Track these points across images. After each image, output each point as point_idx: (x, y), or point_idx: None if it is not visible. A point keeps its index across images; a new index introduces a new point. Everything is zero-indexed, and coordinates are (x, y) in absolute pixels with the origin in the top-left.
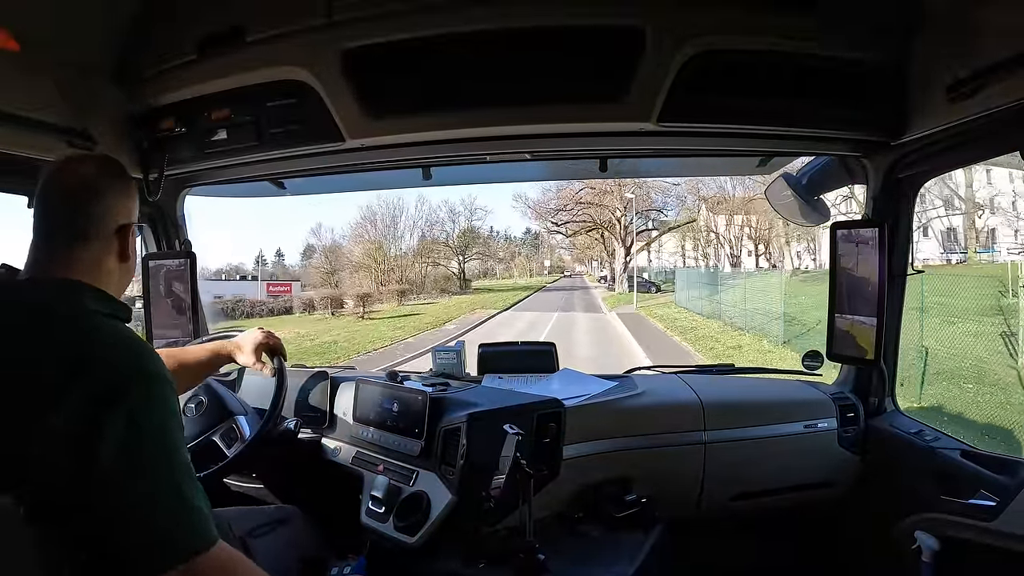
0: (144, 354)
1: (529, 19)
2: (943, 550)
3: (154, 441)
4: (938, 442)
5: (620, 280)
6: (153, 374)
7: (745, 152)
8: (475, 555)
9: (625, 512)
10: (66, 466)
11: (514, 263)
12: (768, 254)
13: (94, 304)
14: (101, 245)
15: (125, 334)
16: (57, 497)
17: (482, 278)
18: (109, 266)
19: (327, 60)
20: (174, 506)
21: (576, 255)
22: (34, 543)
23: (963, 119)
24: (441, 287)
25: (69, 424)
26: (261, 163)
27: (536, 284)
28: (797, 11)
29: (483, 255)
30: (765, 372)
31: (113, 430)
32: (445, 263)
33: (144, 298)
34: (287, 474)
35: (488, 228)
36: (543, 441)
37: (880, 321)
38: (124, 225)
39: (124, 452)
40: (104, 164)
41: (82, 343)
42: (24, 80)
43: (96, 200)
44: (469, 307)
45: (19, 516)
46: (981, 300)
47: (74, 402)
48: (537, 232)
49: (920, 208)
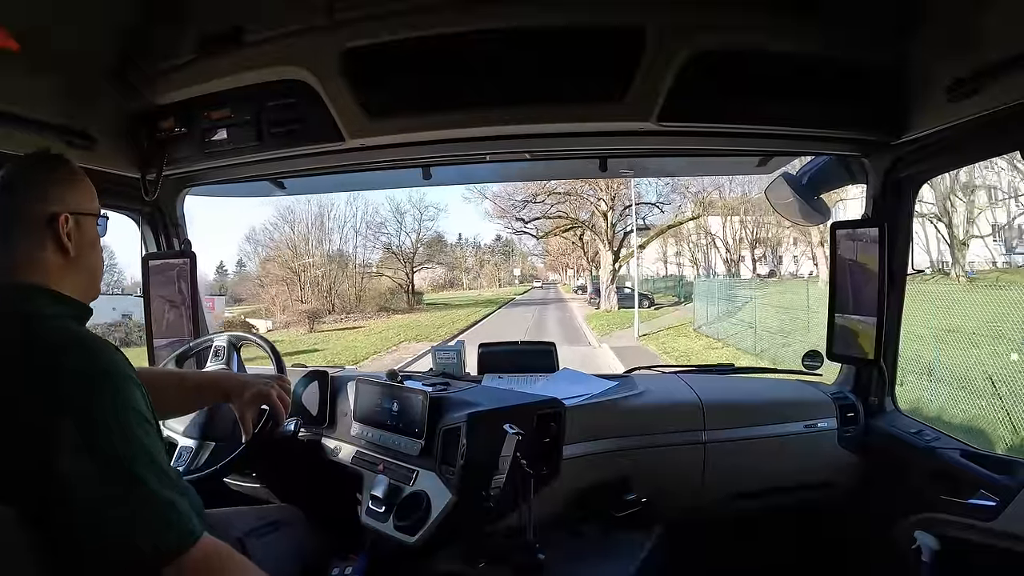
0: (97, 353)
1: (529, 18)
2: (943, 550)
3: (115, 439)
4: (938, 442)
5: (607, 293)
6: (107, 372)
7: (745, 152)
8: (475, 555)
9: (625, 512)
10: (35, 473)
11: (482, 272)
12: (778, 258)
13: (46, 308)
14: (34, 239)
15: (76, 335)
16: (41, 503)
17: (446, 289)
18: (48, 261)
19: (327, 60)
20: (152, 502)
21: (549, 262)
22: (27, 549)
23: (963, 119)
24: (381, 304)
25: (30, 432)
26: (261, 163)
27: (503, 297)
28: (797, 11)
29: (448, 264)
30: (765, 372)
31: (78, 431)
32: (392, 273)
33: (144, 298)
34: (287, 474)
35: (457, 235)
36: (543, 441)
37: (880, 321)
38: (55, 214)
39: (93, 452)
40: (36, 157)
41: (44, 347)
42: (24, 80)
43: (19, 192)
44: (406, 334)
45: (11, 520)
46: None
47: (41, 409)
48: (508, 239)
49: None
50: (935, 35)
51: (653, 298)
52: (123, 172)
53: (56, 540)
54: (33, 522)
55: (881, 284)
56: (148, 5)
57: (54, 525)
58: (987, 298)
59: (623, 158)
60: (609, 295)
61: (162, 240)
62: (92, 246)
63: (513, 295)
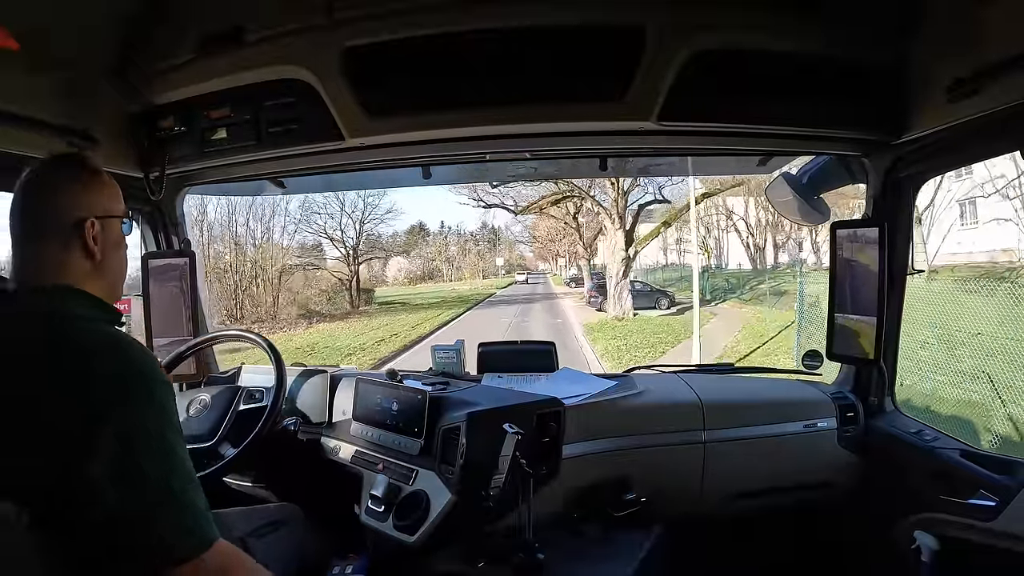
0: (137, 357)
1: (529, 18)
2: (943, 550)
3: (153, 444)
4: (938, 442)
5: (617, 290)
6: (148, 376)
7: (745, 151)
8: (475, 554)
9: (625, 512)
10: (67, 474)
11: (463, 262)
12: (797, 245)
13: (79, 309)
14: (60, 243)
15: (115, 338)
16: (59, 505)
17: (423, 282)
18: (76, 265)
19: (327, 59)
20: (176, 507)
21: (538, 249)
22: (36, 550)
23: (963, 119)
24: (307, 307)
25: (68, 433)
26: (261, 162)
27: (480, 292)
28: (797, 10)
29: (425, 256)
30: (765, 371)
31: (111, 435)
32: (336, 268)
33: (144, 298)
34: (287, 474)
35: (440, 223)
36: (543, 440)
37: (880, 321)
38: (82, 219)
39: (124, 457)
40: (61, 160)
41: (76, 349)
42: (24, 79)
43: (46, 196)
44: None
45: (22, 523)
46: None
47: (71, 411)
48: (495, 226)
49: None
50: (935, 35)
51: (672, 295)
52: (125, 172)
53: (71, 541)
54: (41, 523)
55: (881, 284)
56: (148, 4)
57: (73, 526)
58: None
59: (623, 157)
60: (620, 293)
61: (161, 239)
62: (117, 248)
63: (495, 289)
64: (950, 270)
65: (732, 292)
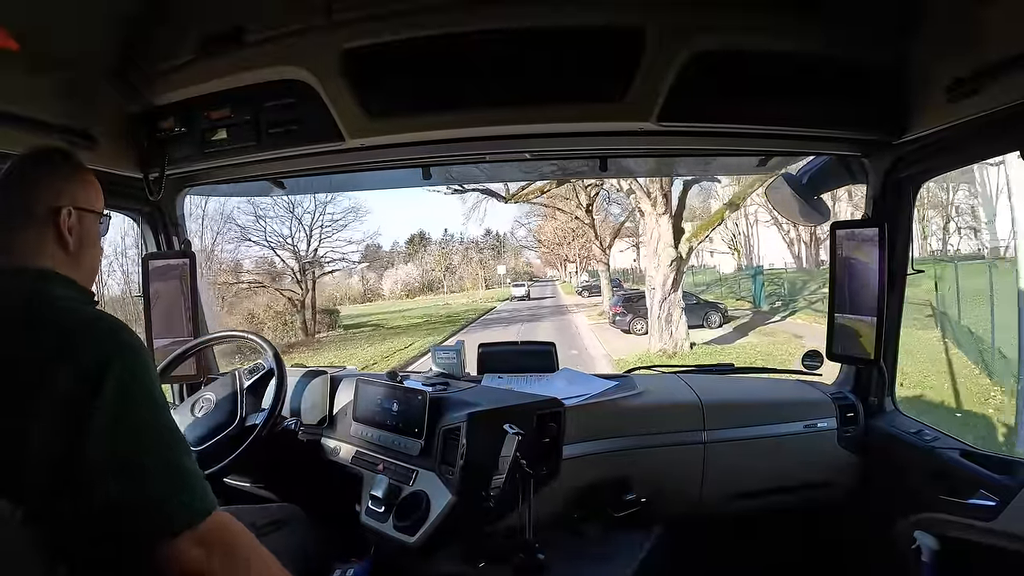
0: (121, 328)
1: (530, 19)
2: (943, 550)
3: (146, 410)
4: (938, 442)
5: (665, 307)
6: (134, 346)
7: (745, 152)
8: (475, 555)
9: (625, 512)
10: (63, 452)
11: (463, 271)
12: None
13: (59, 290)
14: (35, 229)
15: (92, 314)
16: (58, 487)
17: (422, 294)
18: (50, 253)
19: (327, 60)
20: (176, 472)
21: (544, 255)
22: (31, 545)
23: (963, 119)
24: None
25: (59, 408)
26: (261, 163)
27: (476, 307)
28: (797, 10)
29: (423, 266)
30: (765, 372)
31: (105, 404)
32: (290, 287)
33: (144, 298)
34: (287, 474)
35: (443, 230)
36: (543, 441)
37: (880, 321)
38: (58, 207)
39: (119, 425)
40: (45, 150)
41: (58, 328)
42: (24, 80)
43: (27, 182)
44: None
45: (16, 519)
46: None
47: (61, 385)
48: (499, 233)
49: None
50: (935, 35)
51: (726, 309)
52: (125, 172)
53: (82, 520)
54: (35, 518)
55: (881, 284)
56: (148, 5)
57: (82, 502)
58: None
59: (623, 158)
60: (668, 313)
61: (161, 240)
62: (92, 244)
63: (495, 302)
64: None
65: (793, 300)
